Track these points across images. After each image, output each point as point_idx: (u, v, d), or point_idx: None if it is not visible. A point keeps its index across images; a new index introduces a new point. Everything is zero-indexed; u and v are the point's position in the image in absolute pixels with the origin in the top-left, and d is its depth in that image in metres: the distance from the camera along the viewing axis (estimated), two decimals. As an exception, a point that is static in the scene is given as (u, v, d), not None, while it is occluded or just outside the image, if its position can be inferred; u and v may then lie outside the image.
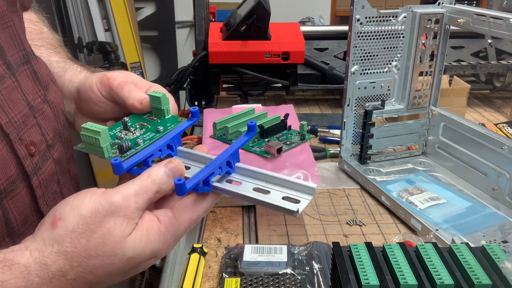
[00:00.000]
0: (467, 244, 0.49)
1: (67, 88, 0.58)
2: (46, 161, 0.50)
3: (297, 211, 0.39)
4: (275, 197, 0.42)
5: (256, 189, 0.43)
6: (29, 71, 0.51)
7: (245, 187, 0.43)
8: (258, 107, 0.86)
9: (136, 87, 0.51)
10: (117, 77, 0.52)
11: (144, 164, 0.43)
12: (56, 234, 0.36)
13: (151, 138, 0.46)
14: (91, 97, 0.53)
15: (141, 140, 0.45)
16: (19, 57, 0.50)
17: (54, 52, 0.63)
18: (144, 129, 0.48)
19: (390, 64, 0.79)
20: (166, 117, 0.49)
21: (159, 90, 0.51)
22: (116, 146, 0.44)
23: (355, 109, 0.80)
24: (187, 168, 0.44)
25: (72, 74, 0.59)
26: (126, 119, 0.48)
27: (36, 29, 0.65)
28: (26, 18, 0.63)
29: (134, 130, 0.48)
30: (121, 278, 0.39)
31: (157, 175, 0.39)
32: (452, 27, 0.77)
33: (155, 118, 0.49)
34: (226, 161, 0.43)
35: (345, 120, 0.80)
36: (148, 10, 2.61)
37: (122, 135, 0.47)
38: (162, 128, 0.47)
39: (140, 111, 0.49)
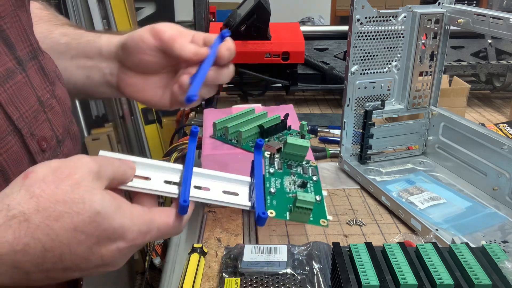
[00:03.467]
0: (467, 244, 0.49)
1: (107, 49, 0.59)
2: (57, 157, 0.50)
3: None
4: (243, 199, 0.44)
5: (225, 192, 0.44)
6: (37, 66, 0.51)
7: (215, 192, 0.44)
8: (258, 107, 0.86)
9: (182, 35, 0.54)
10: (166, 29, 0.54)
11: None
12: (26, 183, 0.36)
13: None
14: (142, 47, 0.55)
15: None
16: (28, 52, 0.50)
17: (77, 28, 0.64)
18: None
19: (390, 64, 0.79)
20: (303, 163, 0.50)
21: (207, 34, 0.56)
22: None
23: (355, 109, 0.80)
24: (147, 179, 0.43)
25: (109, 36, 0.60)
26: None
27: (49, 14, 0.66)
28: (37, 6, 0.64)
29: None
30: (87, 249, 0.36)
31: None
32: (452, 27, 0.77)
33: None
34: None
35: (345, 120, 0.80)
36: (148, 10, 2.61)
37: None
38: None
39: (194, 62, 0.53)
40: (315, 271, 0.56)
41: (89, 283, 0.63)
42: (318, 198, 0.46)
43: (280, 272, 0.54)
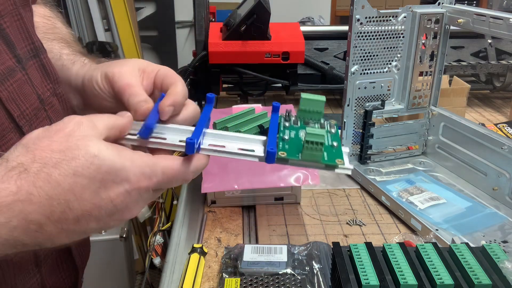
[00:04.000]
0: (467, 244, 0.49)
1: (74, 82, 0.57)
2: None
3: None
4: (258, 152, 0.43)
5: (241, 149, 0.43)
6: (38, 64, 0.51)
7: (231, 148, 0.43)
8: (258, 107, 0.86)
9: (144, 74, 0.50)
10: (119, 76, 0.49)
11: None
12: (22, 142, 0.37)
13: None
14: (97, 92, 0.52)
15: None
16: (28, 50, 0.50)
17: (66, 45, 0.62)
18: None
19: (390, 64, 0.79)
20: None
21: (169, 73, 0.50)
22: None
23: (355, 109, 0.80)
24: (163, 139, 0.43)
25: (79, 67, 0.57)
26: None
27: (50, 24, 0.65)
28: (41, 13, 0.64)
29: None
30: (93, 194, 0.36)
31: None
32: (452, 27, 0.77)
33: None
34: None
35: (345, 120, 0.80)
36: (148, 10, 2.61)
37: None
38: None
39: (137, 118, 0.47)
40: (315, 271, 0.56)
41: (90, 282, 0.63)
42: (335, 143, 0.43)
43: (280, 272, 0.54)
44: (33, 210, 0.35)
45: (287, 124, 0.46)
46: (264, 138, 0.45)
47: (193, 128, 0.43)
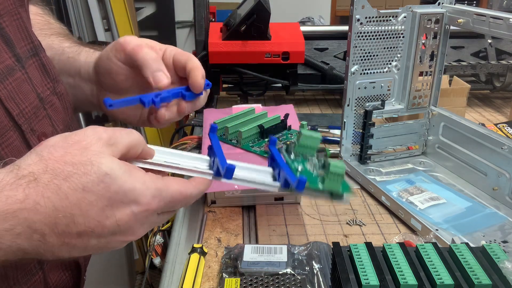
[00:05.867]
0: (467, 244, 0.49)
1: (85, 70, 0.57)
2: None
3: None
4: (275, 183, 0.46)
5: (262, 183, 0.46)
6: (38, 63, 0.52)
7: (260, 180, 0.46)
8: (258, 107, 0.86)
9: (152, 50, 0.51)
10: (130, 41, 0.51)
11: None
12: (37, 149, 0.37)
13: None
14: (111, 67, 0.53)
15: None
16: (28, 49, 0.50)
17: (64, 39, 0.62)
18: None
19: (390, 64, 0.79)
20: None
21: (178, 50, 0.51)
22: None
23: (355, 109, 0.80)
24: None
25: (87, 56, 0.58)
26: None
27: (43, 21, 0.65)
28: (33, 11, 0.64)
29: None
30: (99, 211, 0.36)
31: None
32: (452, 27, 0.77)
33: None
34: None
35: (345, 120, 0.80)
36: (148, 10, 2.61)
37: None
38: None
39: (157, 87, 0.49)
40: (315, 271, 0.56)
41: (90, 282, 0.64)
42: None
43: (280, 272, 0.54)
44: (38, 219, 0.35)
45: (292, 157, 0.51)
46: (270, 169, 0.48)
47: (205, 156, 0.46)
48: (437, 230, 0.63)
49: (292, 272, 0.54)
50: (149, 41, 0.53)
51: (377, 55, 0.77)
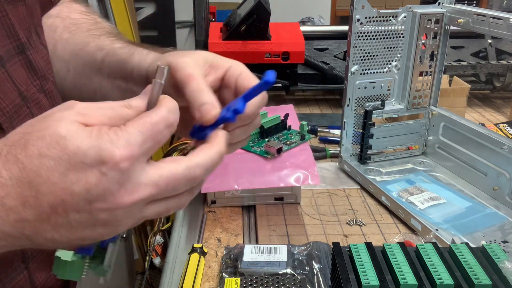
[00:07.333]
0: (467, 244, 0.49)
1: (138, 74, 0.53)
2: None
3: None
4: None
5: None
6: (24, 61, 0.51)
7: None
8: (258, 107, 0.86)
9: (212, 69, 0.45)
10: (182, 66, 0.44)
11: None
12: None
13: None
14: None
15: None
16: (12, 47, 0.50)
17: (115, 39, 0.59)
18: None
19: (390, 64, 0.79)
20: None
21: (245, 71, 0.45)
22: None
23: (355, 109, 0.80)
24: None
25: (140, 58, 0.53)
26: None
27: (90, 19, 0.63)
28: (77, 9, 0.63)
29: None
30: (61, 176, 0.33)
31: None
32: (452, 27, 0.77)
33: None
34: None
35: (345, 120, 0.80)
36: (148, 10, 2.61)
37: None
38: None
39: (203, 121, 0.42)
40: (315, 271, 0.56)
41: (90, 282, 0.63)
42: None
43: (280, 272, 0.54)
44: (6, 194, 0.33)
45: None
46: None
47: None
48: (437, 230, 0.63)
49: (292, 272, 0.54)
50: (209, 57, 0.46)
51: (377, 55, 0.77)
